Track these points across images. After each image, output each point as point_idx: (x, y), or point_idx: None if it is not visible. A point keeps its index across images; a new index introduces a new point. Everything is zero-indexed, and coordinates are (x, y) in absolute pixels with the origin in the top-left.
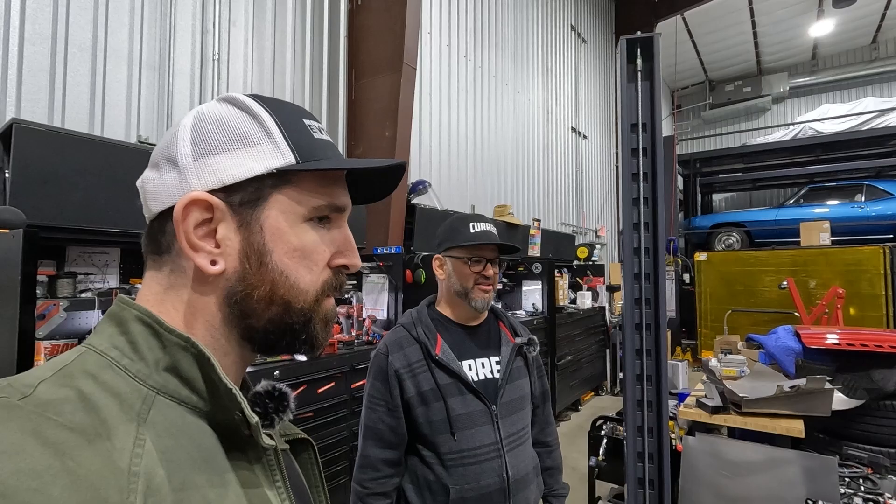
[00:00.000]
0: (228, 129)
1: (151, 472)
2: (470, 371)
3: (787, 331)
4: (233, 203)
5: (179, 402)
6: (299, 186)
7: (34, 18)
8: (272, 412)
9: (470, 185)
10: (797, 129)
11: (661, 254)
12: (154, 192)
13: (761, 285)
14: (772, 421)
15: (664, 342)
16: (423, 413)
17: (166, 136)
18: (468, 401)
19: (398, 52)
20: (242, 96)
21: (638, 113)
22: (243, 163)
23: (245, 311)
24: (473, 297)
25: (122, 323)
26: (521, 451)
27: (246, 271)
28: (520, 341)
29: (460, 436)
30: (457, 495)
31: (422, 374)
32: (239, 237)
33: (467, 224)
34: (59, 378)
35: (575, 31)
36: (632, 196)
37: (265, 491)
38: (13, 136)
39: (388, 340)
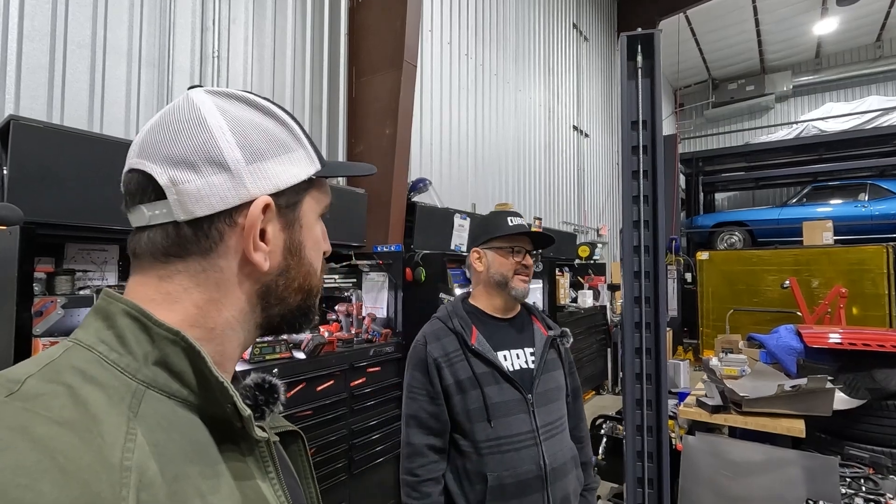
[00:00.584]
0: (269, 135)
1: (144, 465)
2: (505, 361)
3: (788, 330)
4: (280, 206)
5: (169, 396)
6: (318, 188)
7: (33, 15)
8: (262, 404)
9: (471, 184)
10: (800, 127)
11: (661, 252)
12: (198, 195)
13: (764, 285)
14: (772, 420)
15: (664, 341)
16: (461, 401)
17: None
18: (504, 389)
19: (398, 50)
20: (261, 99)
21: (638, 110)
22: (289, 169)
23: (278, 301)
24: (513, 286)
25: (109, 317)
26: (559, 441)
27: (289, 265)
28: (553, 334)
29: (497, 423)
30: (495, 482)
31: (459, 363)
32: (283, 235)
33: (504, 218)
34: (46, 373)
35: (577, 29)
36: (632, 194)
37: (258, 482)
38: (10, 132)
39: (425, 332)
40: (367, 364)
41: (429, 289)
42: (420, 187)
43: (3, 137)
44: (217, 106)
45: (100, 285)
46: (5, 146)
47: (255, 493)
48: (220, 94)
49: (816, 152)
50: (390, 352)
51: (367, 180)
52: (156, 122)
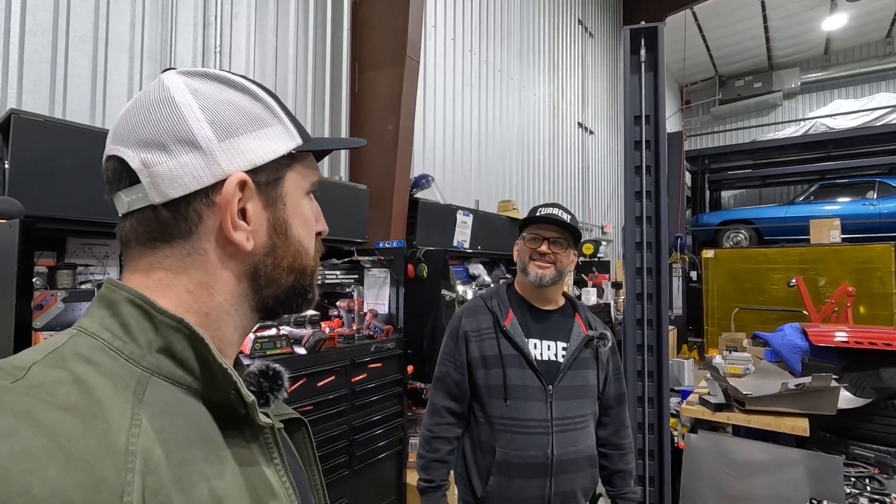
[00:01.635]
0: (241, 111)
1: (149, 451)
2: (534, 349)
3: (794, 328)
4: (259, 183)
5: (174, 383)
6: (301, 164)
7: (35, 9)
8: (267, 391)
9: (475, 180)
10: (808, 125)
11: (663, 248)
12: (170, 176)
13: (770, 283)
14: (776, 419)
15: (665, 338)
16: (483, 375)
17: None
18: (526, 375)
19: (401, 46)
20: (231, 75)
21: (641, 105)
22: (265, 144)
23: (269, 282)
24: (529, 272)
25: (113, 305)
26: (573, 436)
27: (276, 245)
28: (591, 333)
29: (513, 404)
30: (502, 458)
31: (488, 340)
32: (266, 213)
33: (537, 209)
34: (51, 360)
35: (582, 26)
36: (634, 189)
37: (262, 468)
38: (11, 126)
39: (465, 307)
40: (368, 360)
41: (431, 285)
42: (422, 183)
43: (5, 131)
44: (187, 85)
45: (101, 280)
46: (6, 140)
47: (259, 478)
48: (192, 74)
49: (824, 150)
50: (391, 348)
51: (369, 176)
52: (129, 107)
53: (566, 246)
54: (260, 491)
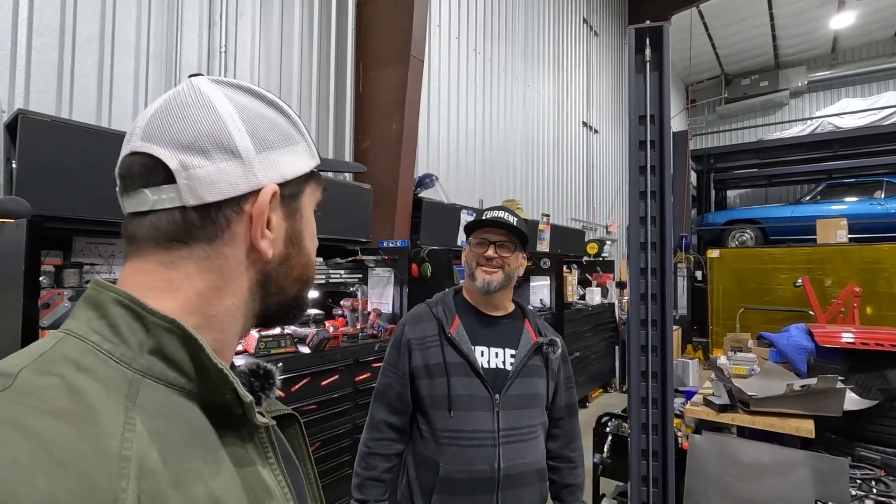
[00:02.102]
0: (276, 127)
1: (144, 454)
2: (481, 357)
3: (799, 329)
4: (284, 195)
5: (167, 385)
6: (315, 180)
7: (42, 10)
8: (258, 390)
9: (479, 180)
10: (815, 124)
11: (668, 248)
12: (208, 180)
13: (775, 283)
14: (781, 420)
15: (670, 338)
16: (427, 385)
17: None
18: (472, 384)
19: (406, 45)
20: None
21: (646, 104)
22: (294, 161)
23: (278, 290)
24: (476, 278)
25: (101, 306)
26: (521, 448)
27: (290, 255)
28: (541, 340)
29: (457, 415)
30: (445, 474)
31: (432, 348)
32: (285, 224)
33: (483, 213)
34: (39, 365)
35: (587, 24)
36: (639, 189)
37: (258, 468)
38: (19, 126)
39: (409, 314)
40: (372, 359)
41: (434, 285)
42: (426, 183)
43: (12, 131)
44: (225, 95)
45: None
46: (14, 140)
47: (256, 478)
48: (225, 84)
49: (831, 149)
50: None
51: (373, 176)
52: (161, 106)
53: (513, 249)
54: (257, 491)
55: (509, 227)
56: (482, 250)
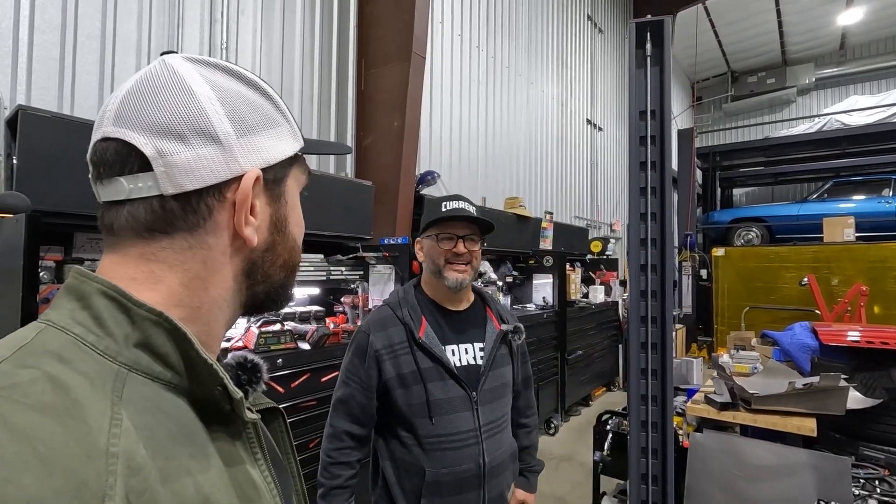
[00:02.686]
0: (257, 109)
1: (131, 451)
2: (453, 356)
3: (803, 327)
4: (267, 180)
5: (153, 379)
6: (299, 164)
7: (44, 7)
8: (245, 384)
9: (481, 177)
10: (823, 121)
11: (668, 245)
12: (187, 167)
13: (781, 282)
14: (783, 419)
15: (670, 336)
16: (403, 395)
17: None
18: (449, 386)
19: (408, 42)
20: (247, 72)
21: (647, 100)
22: (277, 144)
23: (264, 277)
24: (446, 276)
25: (84, 297)
26: (500, 439)
27: (275, 241)
28: (505, 328)
29: (438, 420)
30: (432, 478)
31: (403, 356)
32: (269, 210)
33: (440, 204)
34: (20, 358)
35: (591, 21)
36: (639, 186)
37: (246, 464)
38: (19, 122)
39: (371, 319)
40: None
41: None
42: (428, 180)
43: (13, 127)
44: (201, 75)
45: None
46: (14, 135)
47: (243, 474)
48: (200, 63)
49: (839, 146)
50: None
51: (375, 173)
52: (133, 87)
53: (477, 241)
54: (244, 487)
55: (474, 220)
56: (450, 246)
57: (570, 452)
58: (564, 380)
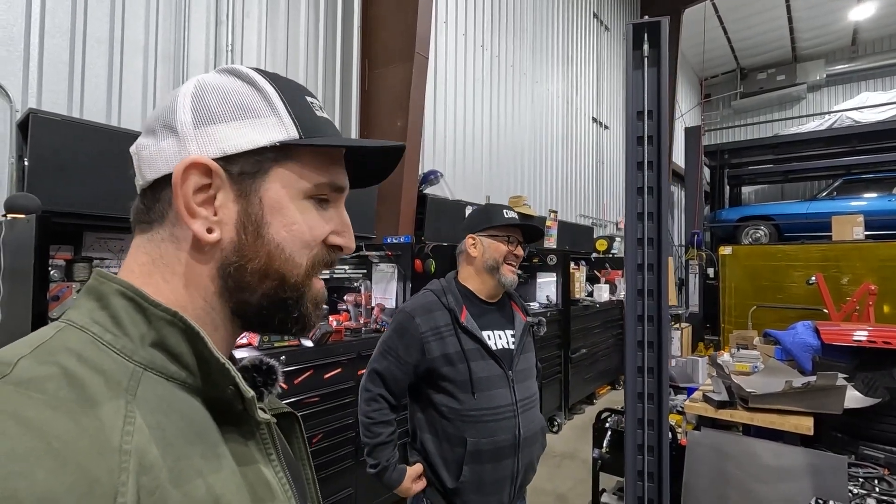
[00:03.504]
0: (231, 99)
1: (143, 449)
2: (489, 340)
3: (806, 326)
4: (232, 172)
5: (168, 378)
6: (301, 162)
7: (54, 12)
8: (260, 386)
9: (486, 176)
10: (833, 118)
11: (664, 244)
12: (150, 160)
13: (789, 280)
14: (780, 417)
15: (666, 334)
16: (450, 372)
17: (163, 103)
18: (489, 365)
19: (410, 42)
20: (245, 68)
21: (644, 100)
22: (245, 133)
23: (239, 285)
24: (503, 274)
25: (103, 297)
26: (532, 413)
27: (242, 242)
28: (531, 321)
29: (480, 395)
30: (473, 447)
31: (449, 337)
32: (237, 207)
33: (501, 210)
34: (39, 355)
35: (598, 19)
36: (636, 186)
37: (260, 465)
38: (30, 125)
39: (416, 303)
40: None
41: None
42: (431, 179)
43: (24, 129)
44: (199, 77)
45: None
46: (25, 138)
47: (256, 475)
48: (221, 70)
49: (849, 144)
50: None
51: None
52: None
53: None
54: (257, 488)
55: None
56: (514, 248)
57: (572, 450)
58: (568, 378)
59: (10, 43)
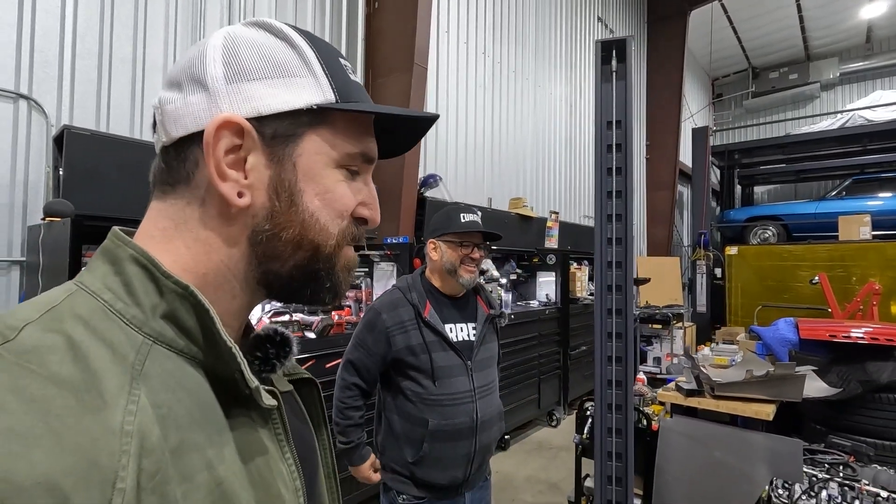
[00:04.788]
0: (266, 55)
1: (146, 430)
2: (451, 333)
3: (787, 323)
4: (265, 134)
5: (178, 353)
6: (334, 128)
7: (83, 36)
8: (273, 357)
9: (487, 180)
10: (846, 117)
11: (630, 244)
12: (175, 115)
13: (795, 280)
14: (742, 404)
15: (631, 326)
16: (413, 361)
17: (189, 53)
18: (449, 356)
19: (409, 54)
20: (278, 22)
21: (612, 111)
22: (280, 94)
23: (270, 254)
24: (460, 275)
25: (117, 262)
26: (490, 400)
27: (275, 209)
28: (493, 313)
29: (440, 383)
30: (434, 427)
31: (412, 331)
32: (269, 171)
33: (458, 214)
34: (46, 321)
35: (602, 23)
36: (606, 189)
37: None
38: (65, 139)
39: (383, 301)
40: None
41: None
42: (430, 183)
43: (59, 143)
44: (229, 29)
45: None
46: (60, 150)
47: (262, 458)
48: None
49: (861, 143)
50: None
51: (379, 175)
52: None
53: (483, 247)
54: (262, 471)
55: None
56: (468, 251)
57: (569, 444)
58: (567, 374)
59: (46, 65)
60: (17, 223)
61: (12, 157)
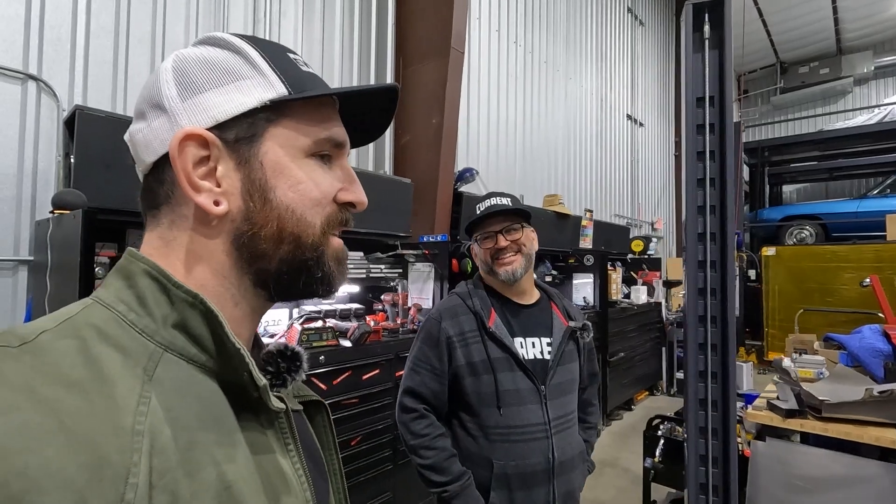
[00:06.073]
0: (213, 65)
1: (156, 431)
2: (521, 349)
3: (873, 330)
4: (227, 140)
5: (188, 361)
6: (295, 119)
7: (98, 13)
8: (284, 372)
9: (519, 174)
10: (883, 111)
11: (729, 239)
12: (145, 142)
13: (839, 283)
14: (858, 428)
15: (732, 336)
16: (472, 383)
17: (146, 83)
18: (518, 378)
19: (446, 37)
20: (221, 34)
21: (705, 85)
22: (233, 97)
23: (255, 254)
24: (498, 272)
25: (130, 276)
26: (569, 434)
27: (250, 210)
28: (573, 325)
29: (507, 411)
30: (500, 470)
31: (474, 344)
32: (239, 174)
33: (475, 206)
34: (62, 330)
35: (632, 14)
36: (696, 177)
37: (276, 454)
38: (76, 121)
39: (441, 307)
40: None
41: None
42: (466, 177)
43: (70, 127)
44: (177, 52)
45: None
46: (72, 136)
47: (271, 463)
48: (198, 42)
49: None
50: None
51: (413, 170)
52: None
53: (520, 227)
54: (272, 476)
55: (507, 212)
56: (491, 244)
57: (613, 458)
58: (606, 382)
59: (58, 43)
60: (24, 218)
61: (20, 145)
